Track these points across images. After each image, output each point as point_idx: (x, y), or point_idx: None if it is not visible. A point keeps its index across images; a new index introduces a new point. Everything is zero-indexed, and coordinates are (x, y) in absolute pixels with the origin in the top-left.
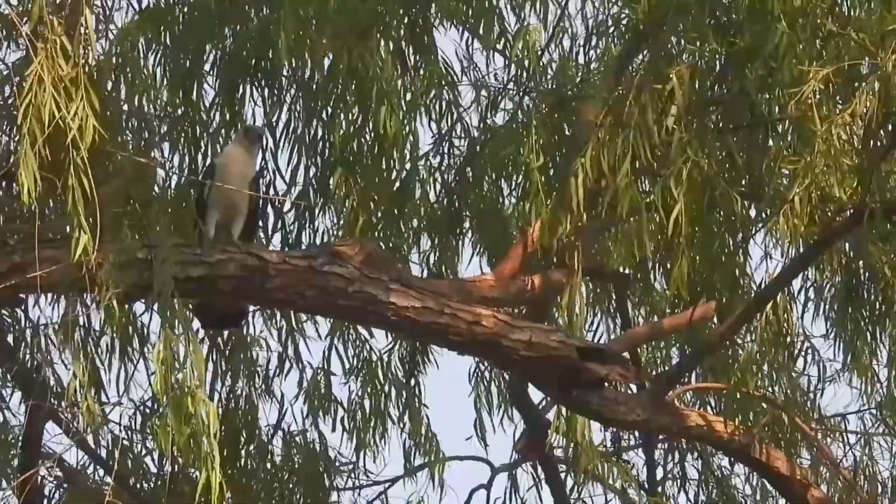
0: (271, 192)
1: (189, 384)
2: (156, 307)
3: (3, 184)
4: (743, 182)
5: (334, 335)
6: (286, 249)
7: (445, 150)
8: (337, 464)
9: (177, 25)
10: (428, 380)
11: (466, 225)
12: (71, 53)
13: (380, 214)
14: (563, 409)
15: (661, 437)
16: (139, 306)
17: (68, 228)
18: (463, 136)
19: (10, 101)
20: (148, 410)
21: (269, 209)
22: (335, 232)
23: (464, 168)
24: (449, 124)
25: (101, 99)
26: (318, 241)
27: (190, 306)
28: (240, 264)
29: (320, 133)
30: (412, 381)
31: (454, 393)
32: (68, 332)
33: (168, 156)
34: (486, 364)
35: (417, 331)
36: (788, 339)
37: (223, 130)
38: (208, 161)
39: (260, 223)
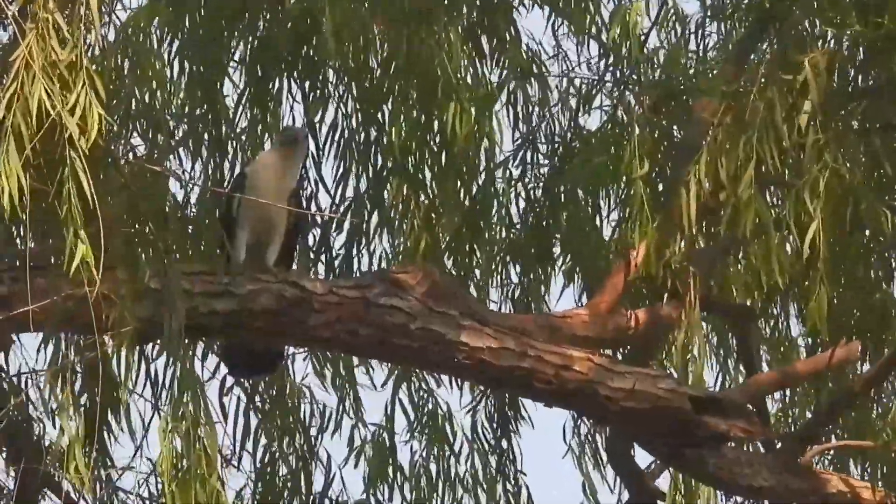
0: (314, 207)
1: (200, 465)
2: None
3: None
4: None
5: (398, 387)
6: (333, 277)
7: (529, 157)
8: None
9: (198, 9)
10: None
11: (555, 248)
12: (68, 35)
13: (448, 235)
14: (678, 475)
15: None
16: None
17: (67, 244)
18: (550, 139)
19: None
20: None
21: (313, 228)
22: (393, 256)
23: (552, 178)
24: (533, 125)
25: (107, 90)
26: (372, 268)
27: (215, 348)
28: (276, 296)
29: (374, 135)
30: (503, 444)
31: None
32: (64, 377)
33: (187, 163)
34: (581, 417)
35: (494, 377)
36: None
37: (255, 133)
38: (237, 170)
39: (300, 246)
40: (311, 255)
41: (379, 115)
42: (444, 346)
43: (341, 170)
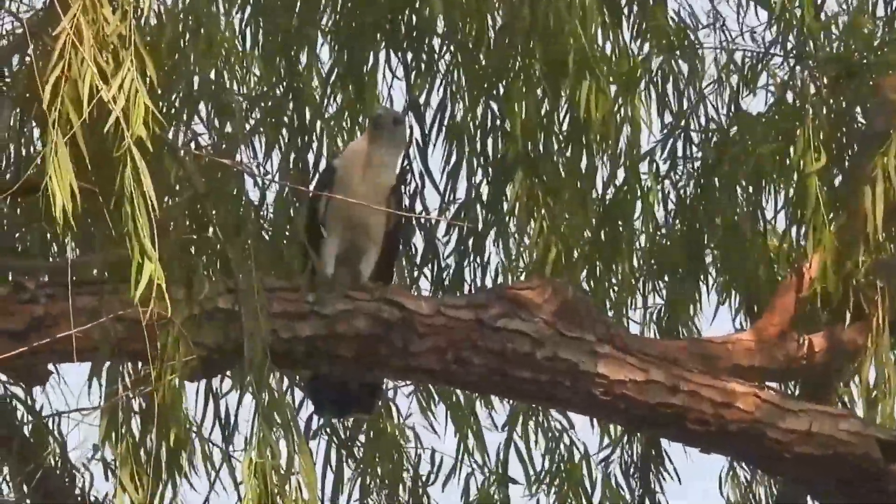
0: (418, 207)
1: None
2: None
3: (13, 199)
4: None
5: (514, 423)
6: (442, 295)
7: (679, 148)
8: None
9: None
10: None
11: (709, 258)
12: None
13: (582, 242)
14: None
15: None
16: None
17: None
18: (704, 125)
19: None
20: None
21: (416, 234)
22: (515, 268)
23: (706, 173)
24: (684, 109)
25: (162, 66)
26: (489, 283)
27: (298, 381)
28: (372, 317)
29: (490, 119)
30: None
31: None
32: (116, 419)
33: (262, 156)
34: (744, 465)
35: (638, 416)
36: None
37: (346, 118)
38: (323, 164)
39: (401, 255)
40: (415, 268)
41: (497, 94)
42: (577, 379)
43: (452, 161)
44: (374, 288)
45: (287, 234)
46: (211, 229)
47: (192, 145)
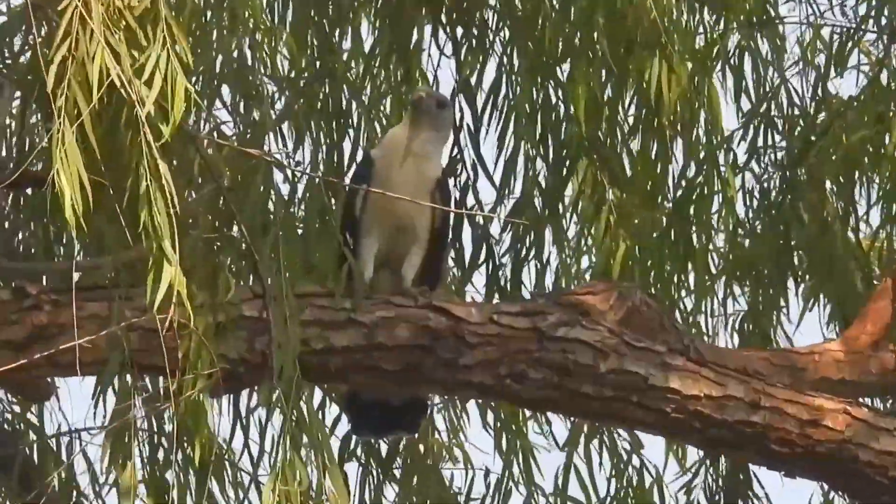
0: (469, 203)
1: None
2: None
3: (14, 194)
4: None
5: (576, 444)
6: (496, 301)
7: (760, 135)
8: None
9: None
10: None
11: (795, 260)
12: None
13: (652, 241)
14: None
15: None
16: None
17: (150, 261)
18: (788, 111)
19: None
20: None
21: (467, 232)
22: (577, 271)
23: (791, 165)
24: (765, 92)
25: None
26: (547, 287)
27: (333, 397)
28: (416, 326)
29: (553, 102)
30: None
31: None
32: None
33: (293, 146)
34: (835, 490)
35: (715, 436)
36: None
37: (387, 103)
38: (360, 153)
39: (451, 256)
40: (465, 270)
41: (558, 74)
42: (645, 395)
43: (508, 150)
44: (419, 293)
45: (320, 233)
46: (235, 228)
47: (215, 134)
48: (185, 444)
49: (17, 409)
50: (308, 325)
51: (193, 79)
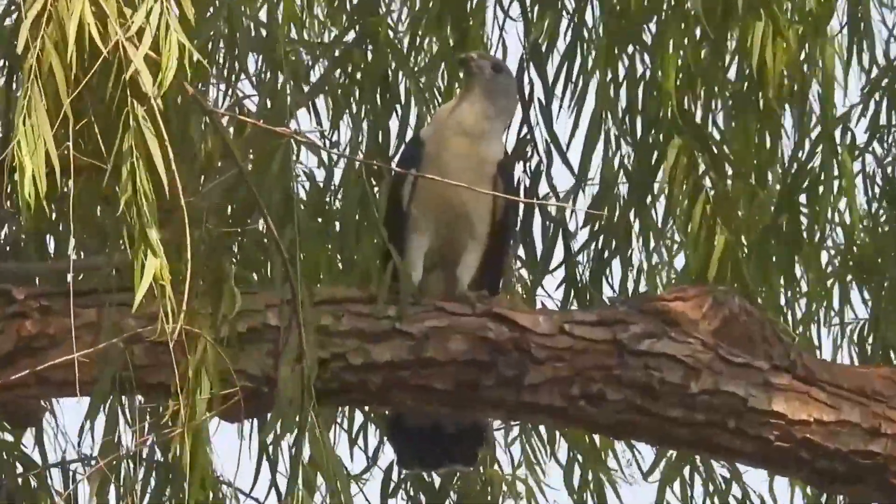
0: (539, 192)
1: None
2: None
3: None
4: None
5: (670, 481)
6: (573, 307)
7: (884, 111)
8: None
9: None
10: None
11: None
12: None
13: (756, 236)
14: None
15: None
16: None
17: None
18: None
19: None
20: None
21: (536, 226)
22: (664, 273)
23: None
24: (892, 58)
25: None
26: (629, 291)
27: (374, 421)
28: (473, 338)
29: (639, 71)
30: None
31: None
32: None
33: (328, 125)
34: None
35: (826, 468)
36: None
37: (441, 73)
38: (409, 134)
39: (516, 255)
40: (534, 271)
41: (642, 39)
42: (744, 420)
43: (586, 128)
44: (477, 298)
45: (360, 226)
46: (261, 223)
47: (236, 110)
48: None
49: (7, 437)
50: (345, 336)
51: (210, 44)
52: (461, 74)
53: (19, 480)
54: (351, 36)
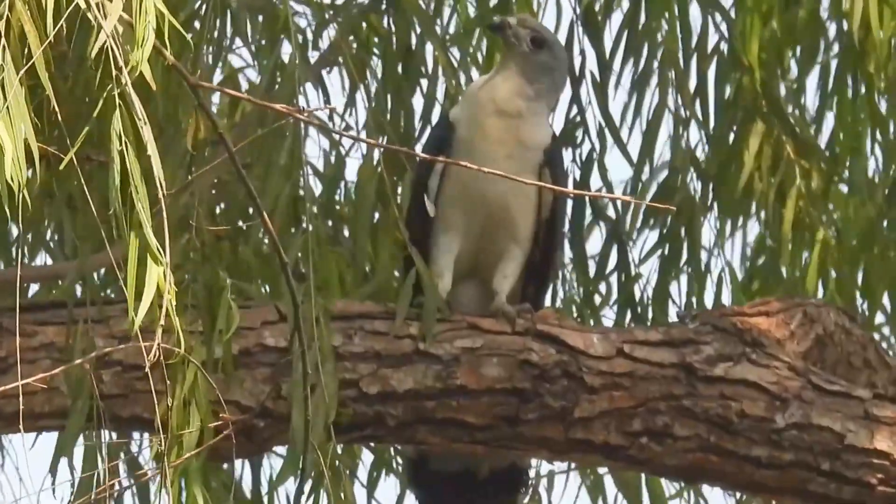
0: (594, 185)
1: None
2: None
3: None
4: None
5: None
6: (632, 324)
7: None
8: None
9: None
10: None
11: None
12: None
13: (857, 236)
14: None
15: None
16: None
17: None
18: None
19: None
20: None
21: (589, 226)
22: (747, 281)
23: None
24: None
25: None
26: (703, 304)
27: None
28: (513, 362)
29: (714, 41)
30: None
31: None
32: None
33: (343, 103)
34: None
35: None
36: None
37: (475, 42)
38: (436, 115)
39: (564, 261)
40: (586, 281)
41: (718, 2)
42: (840, 460)
43: (650, 109)
44: (517, 313)
45: (377, 226)
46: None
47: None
48: None
49: None
50: (358, 359)
51: (196, 4)
52: (512, 45)
53: None
54: None
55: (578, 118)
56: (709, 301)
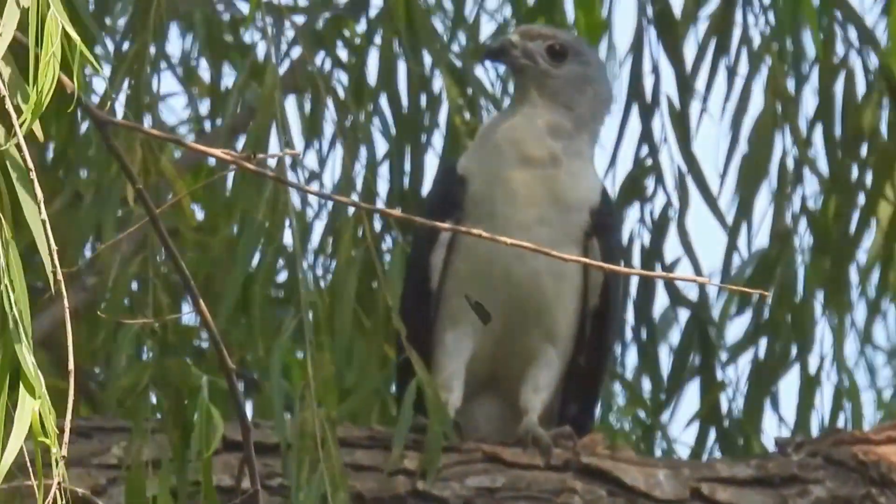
0: (666, 259)
1: None
2: None
3: None
4: None
5: None
6: (714, 454)
7: None
8: None
9: None
10: None
11: None
12: None
13: None
14: None
15: None
16: None
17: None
18: None
19: None
20: None
21: (659, 316)
22: (876, 396)
23: None
24: None
25: None
26: (812, 426)
27: None
28: None
29: (842, 53)
30: None
31: None
32: None
33: (303, 145)
34: None
35: None
36: None
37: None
38: (441, 164)
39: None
40: (654, 391)
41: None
42: None
43: (743, 146)
44: (554, 440)
45: (361, 321)
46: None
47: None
48: None
49: None
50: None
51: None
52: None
53: None
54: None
55: (650, 160)
56: (821, 422)
